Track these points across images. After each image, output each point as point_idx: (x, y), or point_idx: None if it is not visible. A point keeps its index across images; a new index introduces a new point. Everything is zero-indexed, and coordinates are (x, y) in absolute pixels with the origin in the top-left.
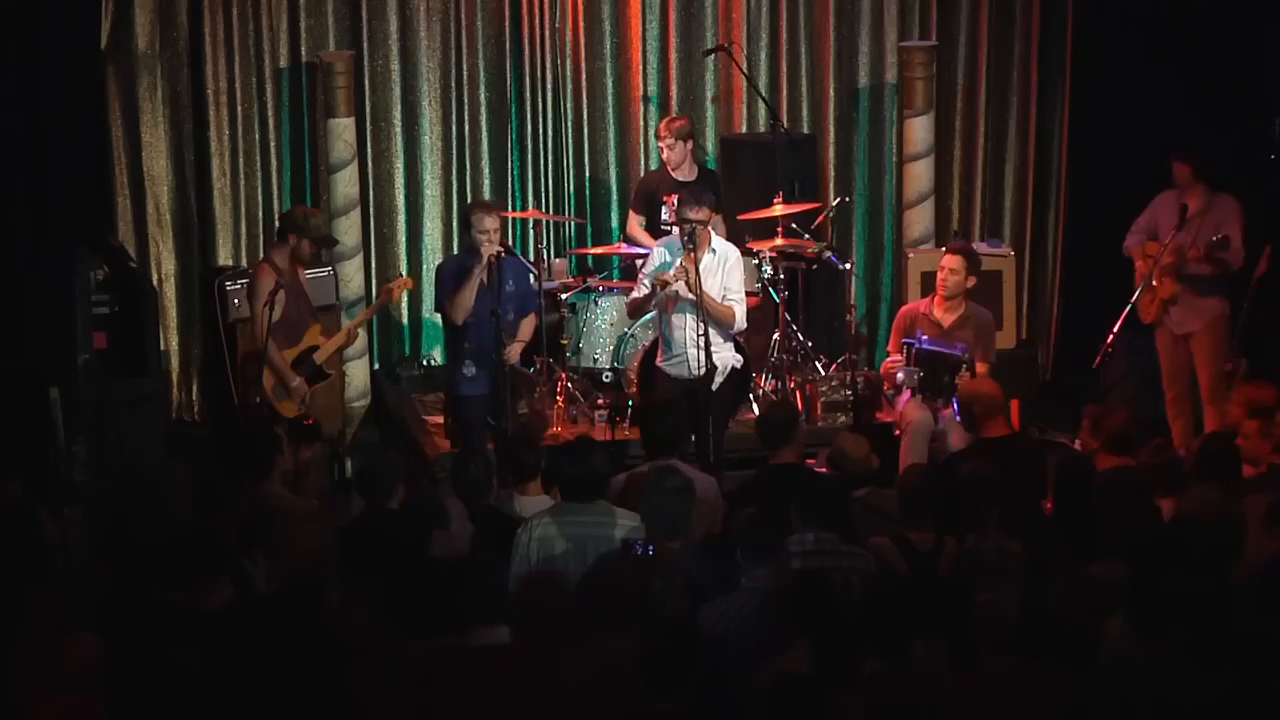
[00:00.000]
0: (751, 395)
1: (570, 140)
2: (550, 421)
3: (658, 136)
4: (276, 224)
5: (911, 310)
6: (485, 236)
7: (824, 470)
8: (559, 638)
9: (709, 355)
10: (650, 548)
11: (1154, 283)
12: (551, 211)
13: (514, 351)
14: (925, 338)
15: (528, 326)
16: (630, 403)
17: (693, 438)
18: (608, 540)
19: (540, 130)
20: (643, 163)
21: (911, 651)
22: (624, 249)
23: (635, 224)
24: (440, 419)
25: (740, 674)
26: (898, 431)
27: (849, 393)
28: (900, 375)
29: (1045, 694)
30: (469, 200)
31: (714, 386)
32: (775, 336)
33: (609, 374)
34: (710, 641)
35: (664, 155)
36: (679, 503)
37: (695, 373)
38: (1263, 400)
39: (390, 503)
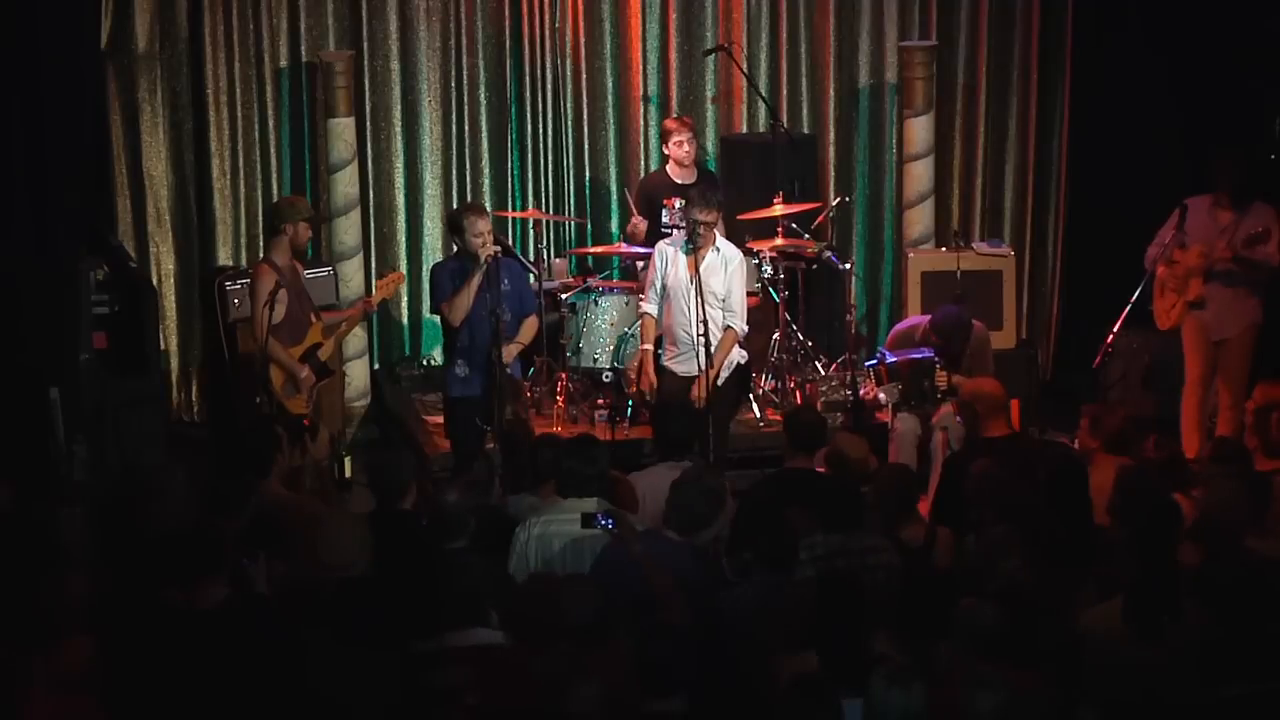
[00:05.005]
0: (751, 395)
1: (570, 140)
2: (534, 428)
3: (673, 133)
4: (265, 224)
5: (908, 334)
6: (480, 239)
7: (822, 470)
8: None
9: (708, 354)
10: (611, 521)
11: (1173, 287)
12: (551, 211)
13: (509, 353)
14: (887, 353)
15: (528, 329)
16: (630, 403)
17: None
18: (605, 540)
19: (540, 130)
20: (643, 163)
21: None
22: (624, 249)
23: (639, 221)
24: (440, 419)
25: (748, 666)
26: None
27: (849, 393)
28: (882, 396)
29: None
30: (468, 200)
31: (720, 381)
32: (775, 336)
33: (609, 374)
34: (722, 632)
35: (679, 152)
36: (705, 505)
37: (702, 369)
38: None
39: (402, 502)
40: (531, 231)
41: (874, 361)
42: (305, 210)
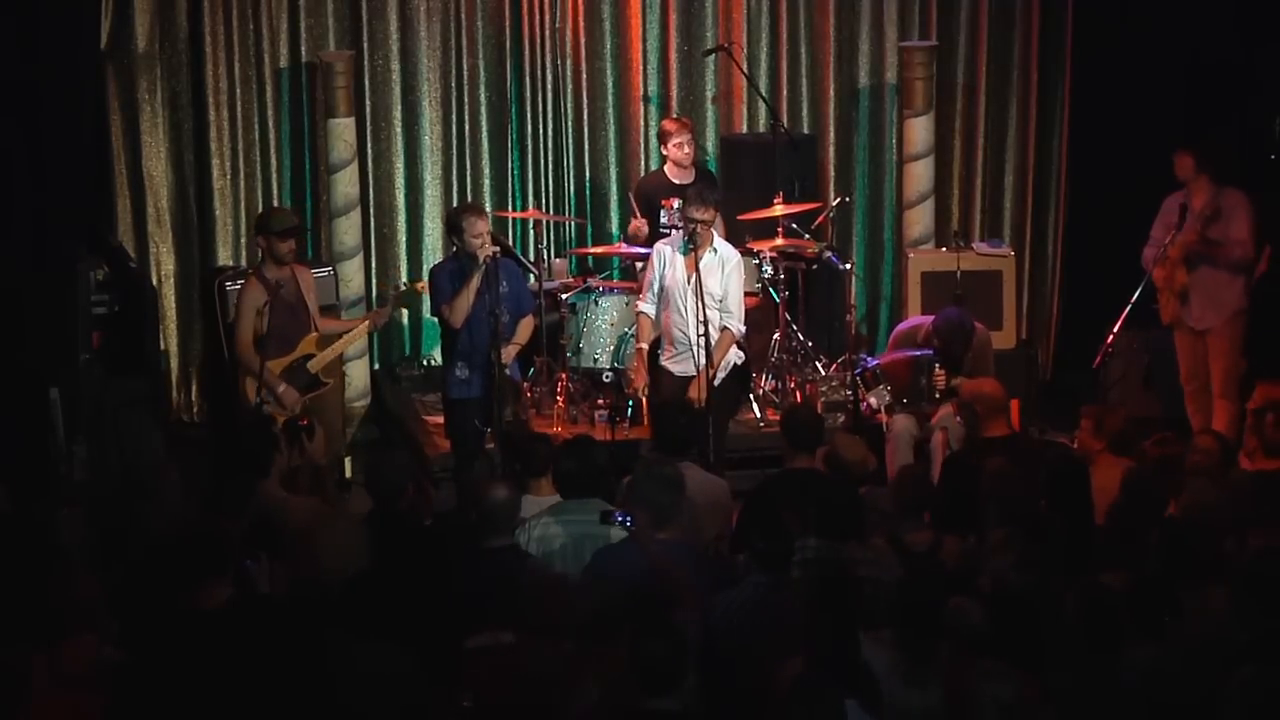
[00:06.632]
0: (751, 395)
1: (570, 140)
2: (533, 429)
3: (672, 134)
4: None
5: (910, 335)
6: (479, 240)
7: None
8: (563, 638)
9: (709, 355)
10: (630, 518)
11: (1166, 285)
12: (551, 211)
13: (508, 354)
14: (868, 359)
15: (525, 329)
16: (630, 403)
17: None
18: (605, 539)
19: (540, 130)
20: (643, 163)
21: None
22: (624, 249)
23: (640, 222)
24: (441, 419)
25: (742, 666)
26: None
27: (849, 393)
28: (873, 400)
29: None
30: (468, 200)
31: (716, 381)
32: (775, 336)
33: (609, 374)
34: (715, 633)
35: (678, 153)
36: (664, 495)
37: (699, 369)
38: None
39: (400, 503)
40: (531, 231)
41: (859, 370)
42: (280, 222)
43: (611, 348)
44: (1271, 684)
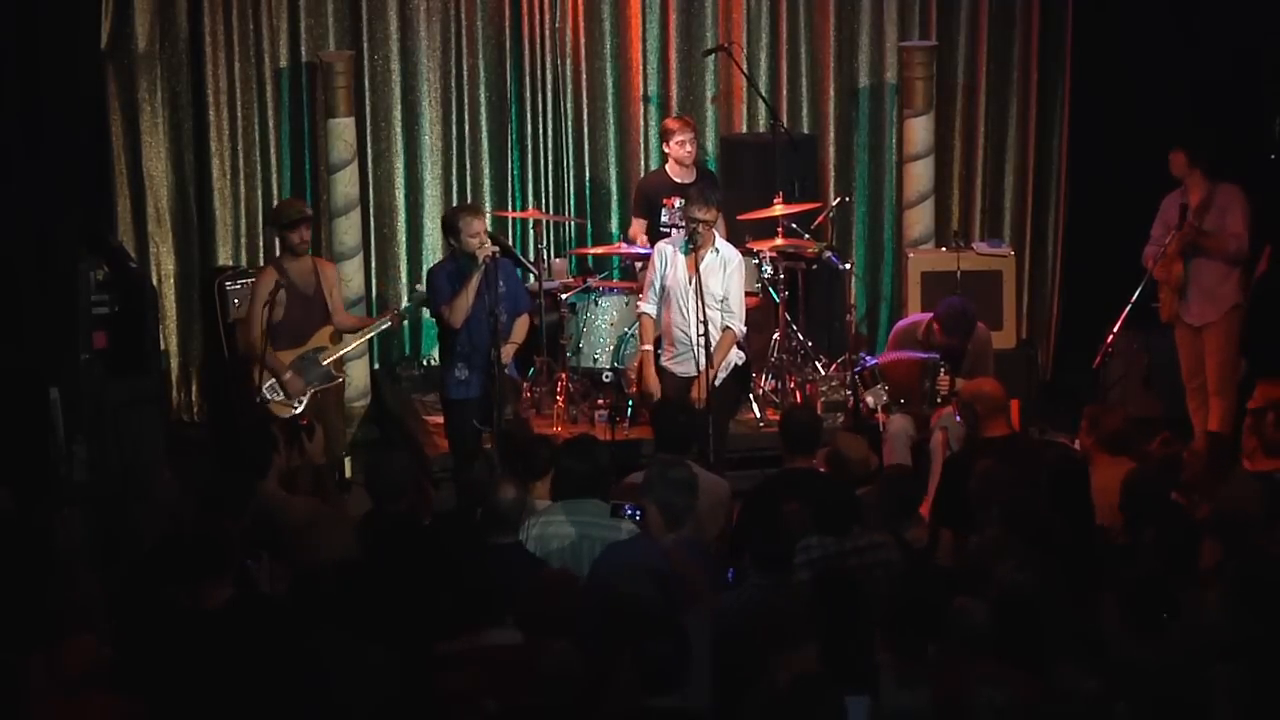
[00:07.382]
0: (751, 395)
1: (570, 140)
2: (534, 428)
3: (674, 133)
4: None
5: (910, 331)
6: (476, 240)
7: (823, 470)
8: (564, 636)
9: (709, 356)
10: (638, 511)
11: (1165, 279)
12: (551, 211)
13: (506, 353)
14: (867, 358)
15: (521, 328)
16: (630, 402)
17: None
18: (604, 540)
19: (540, 130)
20: (643, 163)
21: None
22: (624, 249)
23: (638, 228)
24: (441, 419)
25: (741, 668)
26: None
27: (848, 393)
28: (870, 399)
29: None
30: (468, 200)
31: (717, 382)
32: (775, 336)
33: (609, 374)
34: (719, 635)
35: (680, 152)
36: (679, 496)
37: (700, 370)
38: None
39: (399, 504)
40: (531, 231)
41: (859, 369)
42: (287, 215)
43: (611, 348)
44: (1254, 680)
